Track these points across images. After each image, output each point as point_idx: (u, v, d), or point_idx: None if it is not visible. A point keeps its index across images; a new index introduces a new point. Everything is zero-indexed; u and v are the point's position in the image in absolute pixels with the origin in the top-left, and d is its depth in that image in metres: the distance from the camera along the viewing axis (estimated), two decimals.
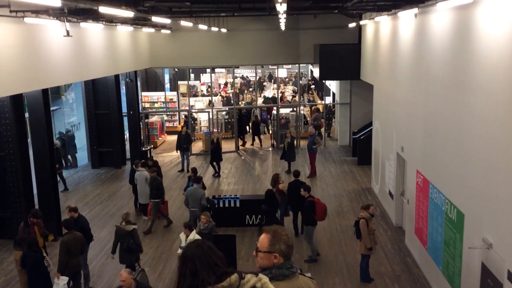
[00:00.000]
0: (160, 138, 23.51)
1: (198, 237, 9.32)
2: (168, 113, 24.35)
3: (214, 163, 18.01)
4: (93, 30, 14.32)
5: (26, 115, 12.48)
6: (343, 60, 18.59)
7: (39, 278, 8.74)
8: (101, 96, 19.04)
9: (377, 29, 15.30)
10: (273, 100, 26.05)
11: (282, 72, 36.91)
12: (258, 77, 41.13)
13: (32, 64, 10.73)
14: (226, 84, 35.16)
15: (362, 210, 10.17)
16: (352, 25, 17.27)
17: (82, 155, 20.51)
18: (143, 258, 11.25)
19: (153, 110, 24.79)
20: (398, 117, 12.57)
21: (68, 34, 9.48)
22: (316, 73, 21.05)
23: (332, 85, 24.81)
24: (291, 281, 3.12)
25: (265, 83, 38.41)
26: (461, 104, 8.02)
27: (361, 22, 16.52)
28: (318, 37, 20.33)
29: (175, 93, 25.72)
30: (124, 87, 19.95)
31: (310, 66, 43.91)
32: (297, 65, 22.59)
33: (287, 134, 18.39)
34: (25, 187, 11.70)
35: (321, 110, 25.43)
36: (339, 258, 11.37)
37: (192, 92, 30.33)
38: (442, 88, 9.00)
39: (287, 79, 42.66)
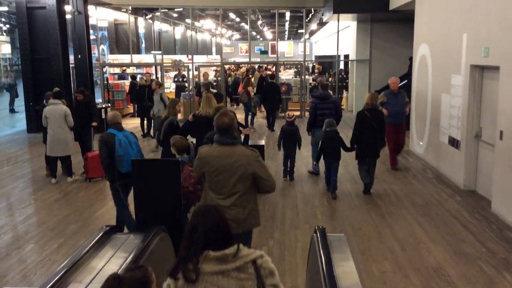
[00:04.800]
0: (128, 106, 18.47)
1: None
2: (133, 66, 19.13)
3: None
4: None
5: None
6: None
7: None
8: (39, 35, 14.17)
9: None
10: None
11: (282, 46, 31.62)
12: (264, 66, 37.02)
13: None
14: None
15: None
16: None
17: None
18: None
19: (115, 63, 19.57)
20: (475, 12, 7.68)
21: None
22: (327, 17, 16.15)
23: (346, 45, 19.92)
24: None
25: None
26: None
27: None
28: None
29: (151, 56, 20.83)
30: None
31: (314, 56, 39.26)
32: (300, 53, 17.69)
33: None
34: None
35: (329, 79, 20.61)
36: (384, 233, 6.36)
37: (178, 69, 25.51)
38: None
39: (288, 66, 37.97)
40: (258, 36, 37.35)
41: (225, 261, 2.16)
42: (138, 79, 16.02)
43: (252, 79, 18.09)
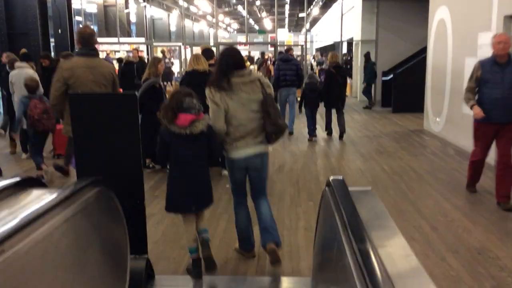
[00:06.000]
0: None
1: None
2: (120, 43, 17.75)
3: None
4: None
5: None
6: None
7: None
8: (17, 8, 12.95)
9: None
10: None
11: (282, 35, 30.29)
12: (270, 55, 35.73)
13: None
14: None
15: None
16: None
17: None
18: None
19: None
20: None
21: None
22: None
23: (349, 28, 18.75)
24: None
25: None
26: None
27: None
28: None
29: (142, 39, 19.61)
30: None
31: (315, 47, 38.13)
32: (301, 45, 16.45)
33: None
34: None
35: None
36: (407, 211, 5.16)
37: (173, 57, 24.27)
38: None
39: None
40: (257, 27, 36.17)
41: (243, 76, 3.43)
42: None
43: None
